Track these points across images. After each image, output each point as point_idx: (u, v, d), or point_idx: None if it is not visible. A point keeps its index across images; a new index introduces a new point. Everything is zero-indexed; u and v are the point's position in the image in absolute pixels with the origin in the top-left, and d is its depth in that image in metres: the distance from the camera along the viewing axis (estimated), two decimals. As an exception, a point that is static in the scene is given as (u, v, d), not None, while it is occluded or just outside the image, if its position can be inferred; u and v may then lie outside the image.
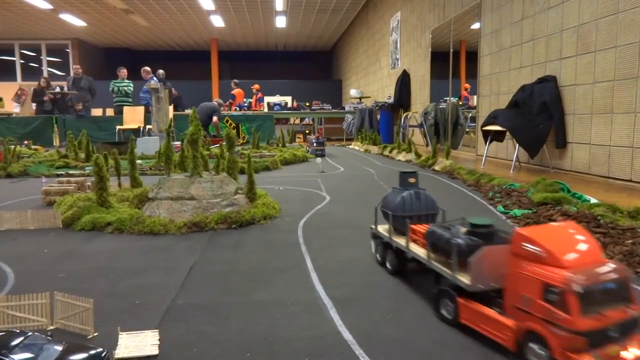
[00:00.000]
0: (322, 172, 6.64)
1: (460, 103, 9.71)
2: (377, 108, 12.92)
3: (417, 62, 11.46)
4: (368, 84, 17.25)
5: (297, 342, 1.69)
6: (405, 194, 2.31)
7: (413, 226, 2.22)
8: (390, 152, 8.89)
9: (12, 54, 23.51)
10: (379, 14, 15.42)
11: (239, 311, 1.95)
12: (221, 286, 2.24)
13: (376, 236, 2.54)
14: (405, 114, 11.60)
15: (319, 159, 7.46)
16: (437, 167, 6.46)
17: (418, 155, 7.70)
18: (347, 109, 16.00)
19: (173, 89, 13.80)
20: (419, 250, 2.10)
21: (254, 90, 17.09)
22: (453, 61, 9.53)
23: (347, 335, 1.73)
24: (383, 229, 2.49)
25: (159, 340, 1.64)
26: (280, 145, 10.13)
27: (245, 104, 16.34)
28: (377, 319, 1.87)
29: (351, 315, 1.90)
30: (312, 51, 26.99)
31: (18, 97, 15.35)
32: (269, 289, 2.19)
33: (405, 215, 2.28)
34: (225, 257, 2.69)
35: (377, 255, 2.53)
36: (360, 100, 16.25)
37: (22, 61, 23.67)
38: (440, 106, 9.93)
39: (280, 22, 19.82)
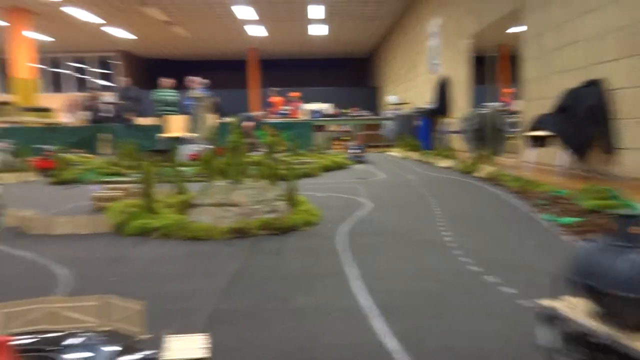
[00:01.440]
0: (362, 178, 6.62)
1: (502, 108, 9.50)
2: (416, 114, 12.80)
3: (456, 67, 11.29)
4: (406, 90, 17.11)
5: (338, 349, 1.69)
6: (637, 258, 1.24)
7: None
8: (430, 158, 8.78)
9: (66, 67, 24.64)
10: (417, 20, 15.31)
11: (280, 317, 1.97)
12: (263, 292, 2.27)
13: (553, 319, 1.41)
14: (445, 120, 11.44)
15: (358, 166, 7.45)
16: (479, 174, 6.33)
17: (459, 162, 7.57)
18: (385, 115, 15.94)
19: (216, 97, 14.11)
20: None
21: (292, 98, 17.28)
22: (493, 66, 9.34)
23: (390, 344, 1.72)
24: (581, 313, 1.35)
25: (206, 344, 1.68)
26: (319, 152, 10.16)
27: (284, 112, 16.52)
28: (422, 327, 1.85)
29: (394, 324, 1.89)
30: (349, 58, 27.06)
31: (70, 108, 15.99)
32: (310, 296, 2.20)
33: None
34: (266, 263, 2.72)
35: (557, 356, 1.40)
36: (399, 106, 16.14)
37: (73, 73, 24.76)
38: (481, 111, 9.74)
39: (319, 30, 19.97)
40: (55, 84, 24.45)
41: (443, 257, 2.78)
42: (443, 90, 11.98)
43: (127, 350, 1.43)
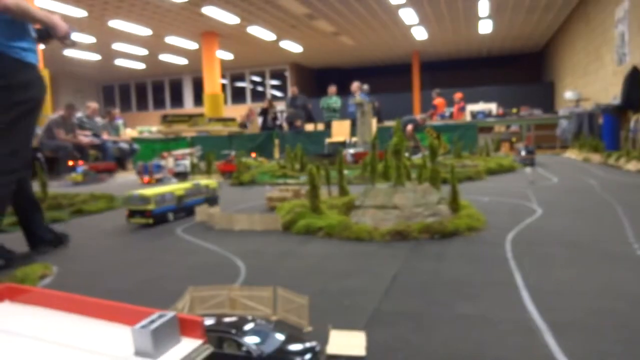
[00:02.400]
0: (532, 182, 6.16)
1: None
2: (599, 111, 11.36)
3: (652, 55, 9.74)
4: (587, 84, 15.32)
5: (508, 363, 1.57)
6: None
7: None
8: (617, 160, 7.72)
9: (243, 80, 27.39)
10: (600, 6, 13.60)
11: (442, 323, 1.90)
12: (424, 295, 2.21)
13: None
14: (636, 117, 9.95)
15: (528, 169, 6.91)
16: (681, 178, 5.37)
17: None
18: (560, 113, 14.46)
19: (375, 102, 14.33)
20: None
21: (455, 99, 16.71)
22: None
23: (566, 364, 1.54)
24: None
25: (366, 341, 1.70)
26: (484, 154, 9.69)
27: (447, 114, 16.06)
28: (604, 351, 1.62)
29: (571, 343, 1.69)
30: (519, 54, 25.17)
31: (247, 117, 17.75)
32: (474, 304, 2.08)
33: None
34: (427, 267, 2.66)
35: None
36: (578, 103, 14.51)
37: (250, 86, 27.39)
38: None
39: (485, 27, 18.98)
40: (236, 95, 27.32)
41: (634, 273, 2.41)
42: (633, 82, 10.44)
43: (292, 340, 1.52)
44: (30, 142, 3.02)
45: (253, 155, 12.18)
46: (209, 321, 1.48)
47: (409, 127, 11.90)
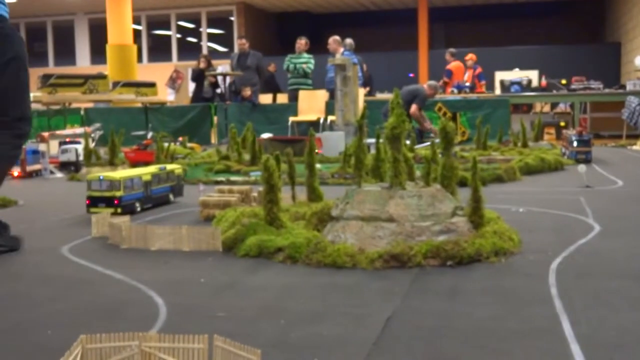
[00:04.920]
0: (588, 186, 6.29)
1: None
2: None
3: None
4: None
5: None
6: None
7: None
8: None
9: (168, 27, 27.10)
10: None
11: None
12: (430, 350, 2.23)
13: None
14: None
15: (582, 166, 7.04)
16: None
17: None
18: (629, 87, 14.82)
19: (363, 64, 14.38)
20: None
21: (467, 62, 16.87)
22: None
23: None
24: None
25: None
26: (519, 144, 9.85)
27: (467, 85, 16.26)
28: None
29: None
30: (567, 0, 25.61)
31: (173, 82, 17.63)
32: (504, 362, 2.12)
33: None
34: (436, 308, 2.69)
35: None
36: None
37: (178, 35, 27.14)
38: None
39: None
40: (156, 50, 27.03)
41: None
42: None
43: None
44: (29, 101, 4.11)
45: (181, 139, 12.09)
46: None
47: (414, 105, 11.97)
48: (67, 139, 9.28)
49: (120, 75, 17.53)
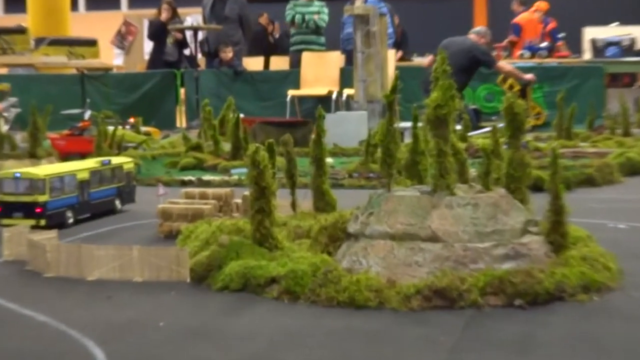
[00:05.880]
0: None
1: None
2: None
3: None
4: None
5: None
6: None
7: None
8: None
9: (115, -40, 27.16)
10: None
11: None
12: None
13: None
14: None
15: None
16: None
17: None
18: None
19: (395, 16, 14.32)
20: None
21: (535, 15, 16.72)
22: None
23: None
24: None
25: None
26: (619, 131, 9.81)
27: (544, 45, 16.17)
28: None
29: None
30: None
31: (121, 39, 17.60)
32: None
33: None
34: (500, 368, 2.67)
35: None
36: None
37: (129, -28, 27.18)
38: None
39: None
40: (99, -7, 27.06)
41: None
42: None
43: None
44: None
45: (132, 120, 12.07)
46: None
47: (500, 63, 11.76)
48: (-30, 120, 9.29)
49: (45, 30, 17.54)
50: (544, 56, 15.63)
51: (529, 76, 12.11)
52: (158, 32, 15.18)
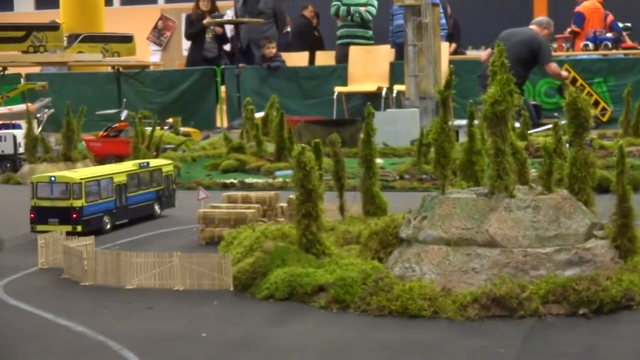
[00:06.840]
0: None
1: None
2: None
3: None
4: None
5: None
6: None
7: None
8: None
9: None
10: None
11: None
12: None
13: None
14: None
15: None
16: None
17: None
18: None
19: (447, 7, 14.25)
20: None
21: (580, 6, 16.47)
22: None
23: None
24: None
25: None
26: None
27: (609, 36, 15.96)
28: None
29: None
30: None
31: (158, 35, 17.68)
32: None
33: None
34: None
35: None
36: None
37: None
38: None
39: None
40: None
41: None
42: None
43: None
44: None
45: (171, 120, 12.12)
46: None
47: (551, 64, 11.75)
48: (0, 121, 9.37)
49: (79, 26, 17.66)
50: (610, 47, 15.41)
51: (564, 73, 12.00)
52: (197, 32, 15.06)
